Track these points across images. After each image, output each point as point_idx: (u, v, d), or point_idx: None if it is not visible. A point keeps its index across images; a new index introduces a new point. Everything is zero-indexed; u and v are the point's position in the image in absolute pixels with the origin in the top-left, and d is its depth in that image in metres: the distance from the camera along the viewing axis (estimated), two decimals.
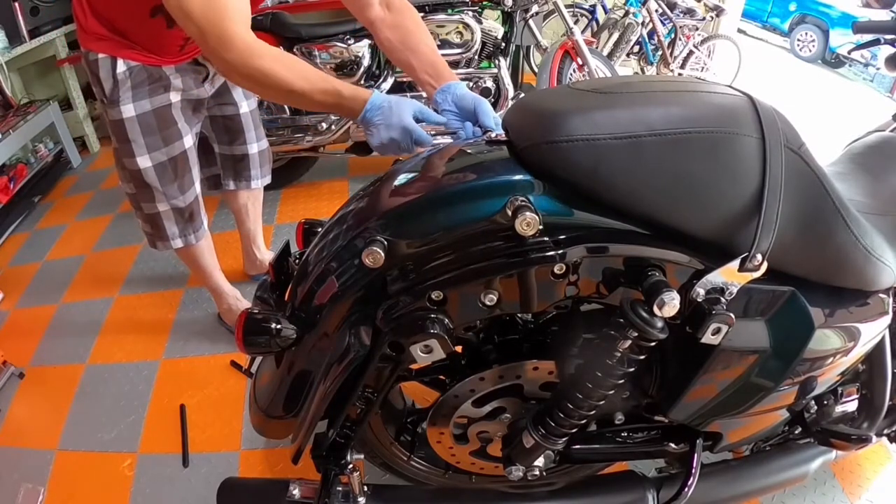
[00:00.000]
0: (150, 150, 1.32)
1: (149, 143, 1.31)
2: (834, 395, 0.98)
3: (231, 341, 1.66)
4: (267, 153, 1.69)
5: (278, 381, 0.83)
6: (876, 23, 1.34)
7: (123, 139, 1.30)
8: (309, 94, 0.92)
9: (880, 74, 5.55)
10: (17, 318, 1.98)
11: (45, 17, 2.81)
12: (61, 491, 1.35)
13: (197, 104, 1.43)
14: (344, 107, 0.94)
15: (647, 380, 0.85)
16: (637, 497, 0.92)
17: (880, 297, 0.86)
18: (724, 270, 0.66)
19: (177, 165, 1.38)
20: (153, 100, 1.29)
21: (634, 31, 3.67)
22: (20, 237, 2.47)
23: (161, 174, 1.36)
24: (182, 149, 1.38)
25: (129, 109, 1.26)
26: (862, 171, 0.99)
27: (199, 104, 1.44)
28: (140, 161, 1.32)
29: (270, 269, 0.89)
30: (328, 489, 0.85)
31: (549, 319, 0.87)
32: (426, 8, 2.22)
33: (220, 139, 1.60)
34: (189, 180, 1.43)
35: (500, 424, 0.88)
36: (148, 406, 1.55)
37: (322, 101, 0.94)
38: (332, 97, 0.93)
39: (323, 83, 0.93)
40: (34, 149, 2.86)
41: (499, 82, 2.34)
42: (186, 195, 1.43)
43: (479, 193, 0.67)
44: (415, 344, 0.66)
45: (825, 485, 1.27)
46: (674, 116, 0.64)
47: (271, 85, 0.92)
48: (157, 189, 1.38)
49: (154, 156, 1.33)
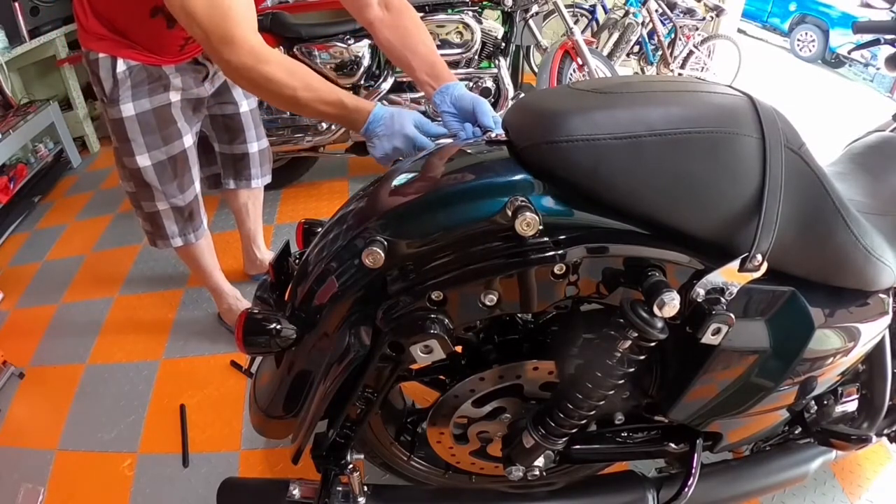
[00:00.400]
0: (150, 149, 1.32)
1: (148, 143, 1.32)
2: (834, 395, 0.98)
3: (231, 341, 1.66)
4: (267, 152, 1.69)
5: (278, 381, 0.83)
6: (876, 23, 1.34)
7: (123, 138, 1.31)
8: (312, 103, 0.92)
9: (880, 74, 5.55)
10: (17, 318, 1.98)
11: (45, 17, 2.81)
12: (61, 491, 1.35)
13: (197, 103, 1.44)
14: (347, 119, 0.94)
15: (647, 380, 0.85)
16: (637, 497, 0.92)
17: (880, 297, 0.86)
18: (724, 270, 0.66)
19: (176, 164, 1.38)
20: (153, 99, 1.29)
21: (634, 31, 3.67)
22: (20, 237, 2.47)
23: (160, 173, 1.36)
24: (181, 148, 1.38)
25: (129, 108, 1.27)
26: (862, 171, 0.99)
27: (199, 103, 1.44)
28: (139, 160, 1.33)
29: (270, 269, 0.89)
30: (328, 489, 0.85)
31: (549, 319, 0.87)
32: (426, 8, 2.22)
33: (220, 138, 1.60)
34: (188, 179, 1.43)
35: (500, 424, 0.88)
36: (148, 406, 1.55)
37: (324, 112, 0.94)
38: (335, 108, 0.93)
39: (327, 94, 0.92)
40: (34, 149, 2.86)
41: (499, 82, 2.34)
42: (186, 194, 1.43)
43: (479, 193, 0.67)
44: (415, 344, 0.66)
45: (825, 485, 1.27)
46: (674, 116, 0.64)
47: (274, 91, 0.92)
48: (156, 188, 1.38)
49: (153, 154, 1.33)
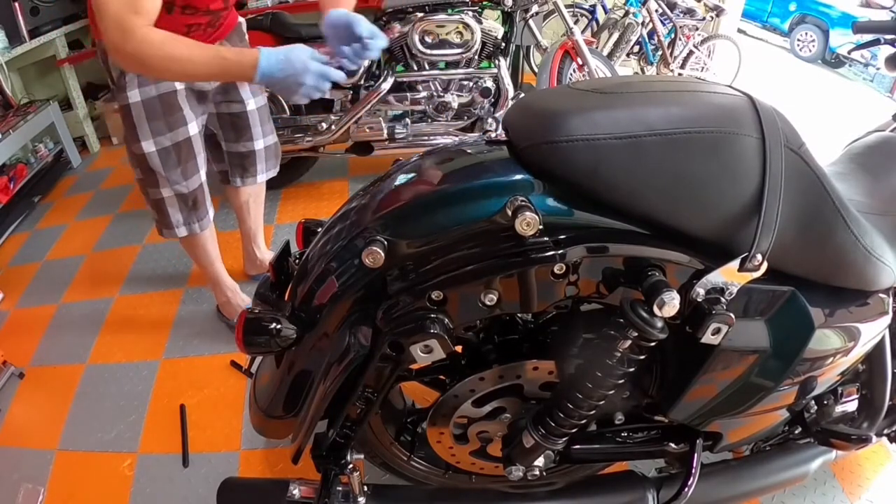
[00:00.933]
0: (155, 135, 1.35)
1: (153, 128, 1.35)
2: (834, 395, 0.98)
3: (231, 340, 1.66)
4: (274, 148, 1.71)
5: (278, 381, 0.83)
6: (876, 23, 1.34)
7: (130, 124, 1.35)
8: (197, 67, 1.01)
9: (880, 74, 5.54)
10: (17, 318, 1.98)
11: (45, 17, 2.80)
12: (61, 491, 1.35)
13: (200, 95, 1.45)
14: (232, 71, 1.02)
15: (647, 380, 0.85)
16: (637, 497, 0.92)
17: (880, 297, 0.86)
18: (724, 270, 0.66)
19: (181, 151, 1.40)
20: (158, 86, 1.32)
21: (634, 31, 3.67)
22: (20, 237, 2.47)
23: (164, 159, 1.38)
24: (186, 135, 1.40)
25: (135, 95, 1.31)
26: (862, 171, 0.99)
27: (202, 95, 1.46)
28: (144, 145, 1.35)
29: (270, 269, 0.89)
30: (328, 489, 0.85)
31: (549, 319, 0.87)
32: (426, 8, 2.21)
33: (227, 136, 1.62)
34: (193, 167, 1.44)
35: (500, 424, 0.88)
36: (148, 406, 1.55)
37: (210, 72, 1.04)
38: (217, 61, 1.00)
39: (206, 53, 1.01)
40: (34, 149, 2.86)
41: (499, 82, 2.34)
42: (190, 181, 1.45)
43: (480, 193, 0.67)
44: (415, 344, 0.66)
45: (825, 485, 1.27)
46: (674, 116, 0.64)
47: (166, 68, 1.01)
48: (160, 174, 1.40)
49: (158, 140, 1.36)
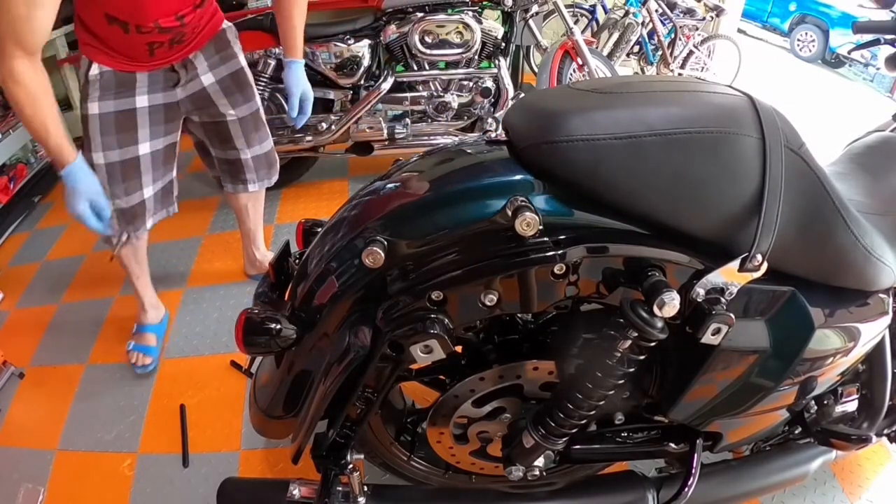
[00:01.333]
0: (104, 149, 1.38)
1: (104, 143, 1.38)
2: (834, 395, 0.98)
3: (231, 340, 1.66)
4: (265, 158, 1.65)
5: (278, 381, 0.83)
6: (876, 23, 1.34)
7: (86, 133, 1.39)
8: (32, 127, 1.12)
9: (880, 74, 5.55)
10: (17, 318, 1.98)
11: None
12: (61, 491, 1.35)
13: (168, 109, 1.44)
14: (51, 152, 1.16)
15: (647, 380, 0.85)
16: (637, 497, 0.92)
17: (880, 297, 0.86)
18: (724, 270, 0.66)
19: (127, 168, 1.42)
20: (118, 102, 1.36)
21: (634, 31, 3.67)
22: (20, 237, 2.47)
23: (110, 173, 1.41)
24: (135, 154, 1.41)
25: (95, 107, 1.35)
26: (862, 171, 0.99)
27: (171, 109, 1.45)
28: (94, 156, 1.39)
29: (270, 269, 0.89)
30: (328, 489, 0.85)
31: (549, 319, 0.87)
32: (426, 8, 2.21)
33: (213, 143, 1.61)
34: (136, 185, 1.45)
35: (500, 424, 0.88)
36: (148, 406, 1.55)
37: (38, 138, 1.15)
38: (43, 135, 1.13)
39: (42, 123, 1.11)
40: (34, 149, 2.85)
41: (499, 82, 2.34)
42: (130, 198, 1.46)
43: (480, 194, 0.67)
44: (415, 344, 0.66)
45: (825, 485, 1.27)
46: (674, 116, 0.64)
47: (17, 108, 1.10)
48: (104, 186, 1.40)
49: (107, 154, 1.39)
